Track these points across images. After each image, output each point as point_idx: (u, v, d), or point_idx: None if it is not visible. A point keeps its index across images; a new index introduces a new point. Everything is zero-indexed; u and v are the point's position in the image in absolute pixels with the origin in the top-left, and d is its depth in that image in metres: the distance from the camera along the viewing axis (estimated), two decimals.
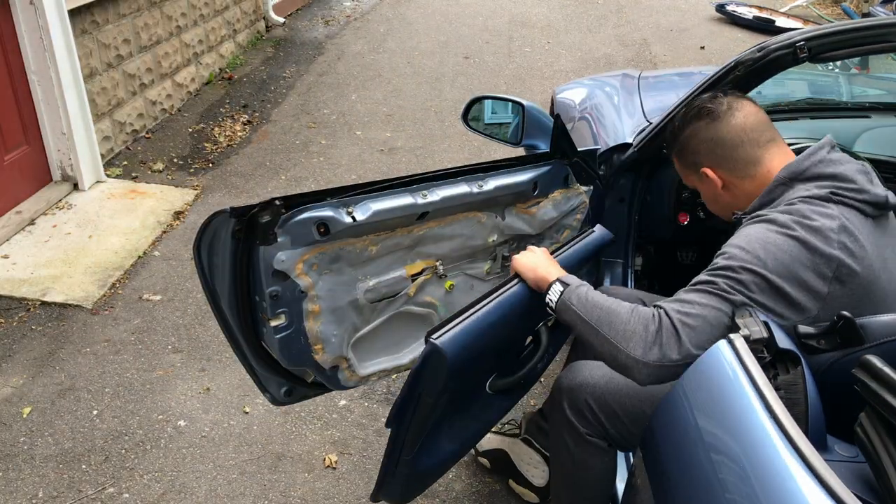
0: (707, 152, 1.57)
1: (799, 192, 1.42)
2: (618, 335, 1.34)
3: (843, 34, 1.71)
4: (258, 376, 1.79)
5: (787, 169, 1.46)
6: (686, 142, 1.61)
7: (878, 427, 1.00)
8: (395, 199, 1.71)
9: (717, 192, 1.60)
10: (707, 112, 1.57)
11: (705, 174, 1.58)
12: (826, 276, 1.32)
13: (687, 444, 1.16)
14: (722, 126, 1.54)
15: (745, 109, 1.55)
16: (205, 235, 1.57)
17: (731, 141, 1.53)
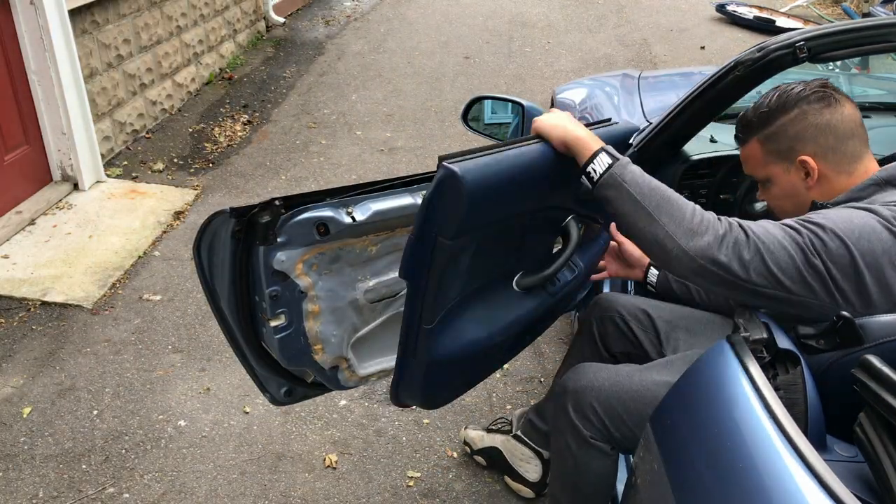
0: (813, 138, 1.44)
1: (891, 196, 1.36)
2: (677, 225, 1.22)
3: (843, 34, 1.70)
4: (258, 376, 1.79)
5: (886, 171, 1.41)
6: (787, 125, 1.46)
7: (878, 427, 1.00)
8: (395, 199, 1.71)
9: (801, 186, 1.47)
10: (822, 96, 1.46)
11: (803, 163, 1.45)
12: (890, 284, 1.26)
13: (687, 444, 1.16)
14: (836, 114, 1.44)
15: (852, 104, 1.47)
16: (205, 235, 1.57)
17: (844, 131, 1.44)
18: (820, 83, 1.49)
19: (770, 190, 1.55)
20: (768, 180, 1.54)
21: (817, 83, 1.49)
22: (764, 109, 1.52)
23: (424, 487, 2.44)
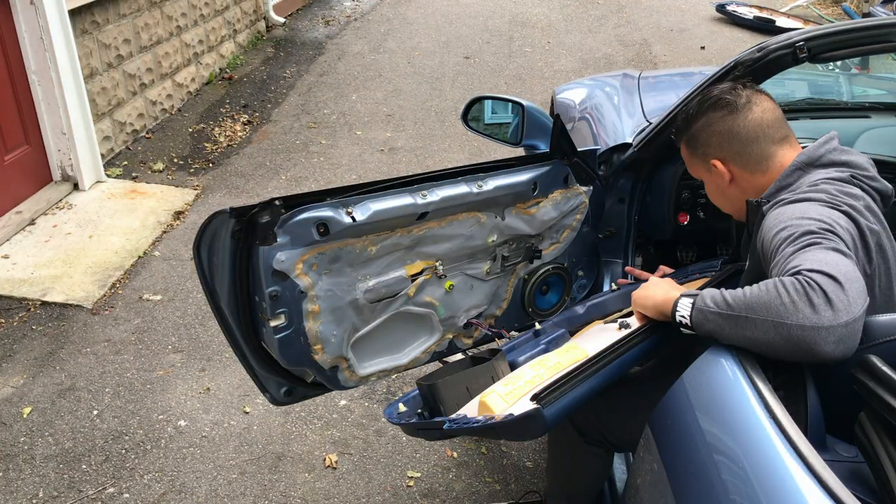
0: (719, 144, 1.52)
1: (817, 176, 1.39)
2: (782, 311, 1.11)
3: (843, 34, 1.70)
4: (258, 376, 1.79)
5: (804, 154, 1.44)
6: (699, 131, 1.56)
7: (878, 427, 1.00)
8: (395, 199, 1.71)
9: (723, 186, 1.56)
10: (725, 103, 1.52)
11: (714, 166, 1.54)
12: (870, 248, 1.29)
13: (687, 445, 1.16)
14: (739, 120, 1.50)
15: (763, 104, 1.51)
16: (205, 235, 1.57)
17: (747, 136, 1.49)
18: (731, 86, 1.54)
19: (705, 187, 1.64)
20: (699, 178, 1.64)
21: (729, 86, 1.55)
22: (684, 115, 1.61)
23: (424, 487, 2.44)
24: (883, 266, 1.32)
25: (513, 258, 2.06)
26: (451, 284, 1.93)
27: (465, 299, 1.98)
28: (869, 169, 1.42)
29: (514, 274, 2.09)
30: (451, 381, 1.57)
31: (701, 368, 1.21)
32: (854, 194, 1.34)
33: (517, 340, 1.89)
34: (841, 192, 1.33)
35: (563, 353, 1.50)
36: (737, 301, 1.18)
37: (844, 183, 1.36)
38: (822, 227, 1.22)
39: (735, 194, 1.55)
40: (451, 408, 1.54)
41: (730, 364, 1.15)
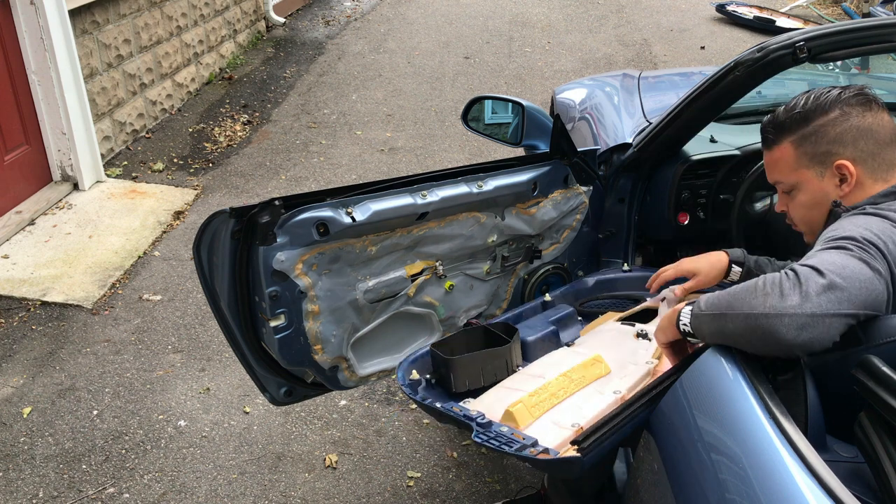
0: (853, 142, 1.35)
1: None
2: (753, 301, 1.12)
3: (843, 34, 1.70)
4: (258, 376, 1.79)
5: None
6: (827, 126, 1.37)
7: (878, 427, 0.99)
8: (395, 200, 1.71)
9: (833, 194, 1.38)
10: (864, 100, 1.38)
11: (840, 167, 1.36)
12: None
13: (687, 445, 1.16)
14: (878, 119, 1.37)
15: (887, 112, 1.40)
16: (204, 235, 1.57)
17: (885, 137, 1.36)
18: (859, 87, 1.41)
19: (795, 197, 1.45)
20: (796, 187, 1.44)
21: (856, 88, 1.41)
22: (799, 110, 1.42)
23: (424, 487, 2.44)
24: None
25: (513, 258, 2.06)
26: (451, 284, 1.93)
27: (465, 299, 1.98)
28: None
29: (514, 274, 2.09)
30: (467, 359, 1.58)
31: (700, 369, 1.21)
32: None
33: (525, 308, 1.91)
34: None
35: (587, 367, 1.50)
36: (722, 299, 1.18)
37: None
38: (869, 238, 1.16)
39: None
40: (460, 385, 1.57)
41: (730, 364, 1.15)
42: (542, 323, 1.84)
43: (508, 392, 1.49)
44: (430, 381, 1.64)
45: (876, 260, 1.14)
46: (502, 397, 1.47)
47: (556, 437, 1.31)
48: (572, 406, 1.40)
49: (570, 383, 1.44)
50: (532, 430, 1.34)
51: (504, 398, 1.46)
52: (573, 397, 1.42)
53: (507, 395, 1.47)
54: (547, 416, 1.37)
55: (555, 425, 1.35)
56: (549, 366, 1.59)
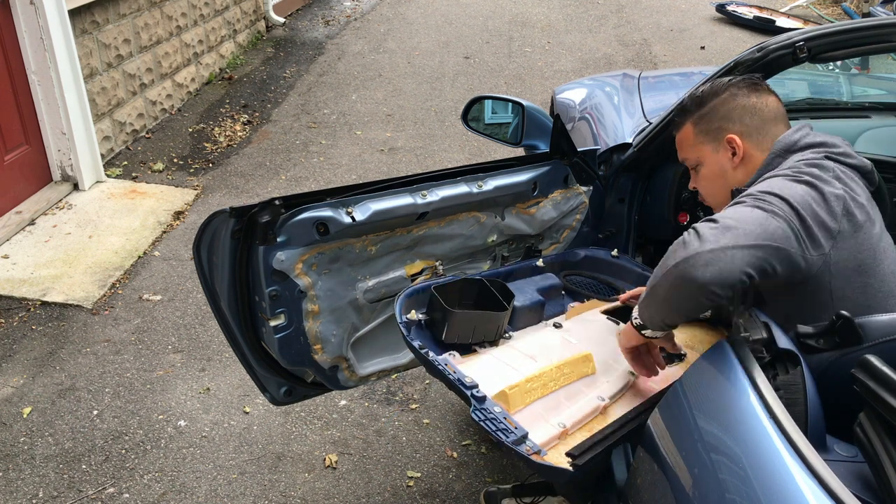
0: (741, 118, 1.55)
1: (794, 159, 1.48)
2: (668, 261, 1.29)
3: (843, 34, 1.70)
4: (258, 376, 1.79)
5: (780, 142, 1.51)
6: (719, 105, 1.57)
7: (878, 427, 0.99)
8: (395, 199, 1.71)
9: (728, 166, 1.56)
10: (751, 82, 1.58)
11: (730, 141, 1.55)
12: (836, 214, 1.35)
13: (687, 444, 1.16)
14: (762, 99, 1.56)
15: (776, 97, 1.59)
16: (205, 235, 1.57)
17: (768, 115, 1.55)
18: (750, 74, 1.62)
19: (700, 172, 1.63)
20: (699, 162, 1.63)
21: (748, 75, 1.62)
22: (697, 94, 1.63)
23: (424, 487, 2.44)
24: (849, 228, 1.36)
25: (513, 258, 2.06)
26: None
27: None
28: (843, 146, 1.49)
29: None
30: (464, 315, 1.61)
31: (701, 368, 1.22)
32: (823, 166, 1.41)
33: (518, 267, 1.94)
34: (809, 166, 1.41)
35: (577, 364, 1.54)
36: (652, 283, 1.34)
37: (819, 160, 1.44)
38: (764, 189, 1.33)
39: (736, 178, 1.57)
40: (451, 337, 1.60)
41: (730, 364, 1.15)
42: (531, 290, 1.86)
43: (502, 367, 1.52)
44: (422, 322, 1.65)
45: (771, 205, 1.29)
46: (495, 371, 1.50)
47: (542, 432, 1.35)
48: (559, 401, 1.45)
49: (561, 376, 1.49)
50: (521, 416, 1.38)
51: (497, 372, 1.49)
52: (561, 391, 1.48)
53: (500, 370, 1.50)
54: (537, 404, 1.42)
55: (542, 418, 1.39)
56: (542, 349, 1.61)
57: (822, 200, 1.35)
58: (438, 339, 1.61)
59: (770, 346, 1.18)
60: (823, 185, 1.37)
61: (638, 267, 2.06)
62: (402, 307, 1.62)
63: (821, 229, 1.33)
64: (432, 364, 1.47)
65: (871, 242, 1.39)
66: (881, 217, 1.48)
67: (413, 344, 1.53)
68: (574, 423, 1.40)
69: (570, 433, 1.39)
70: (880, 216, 1.47)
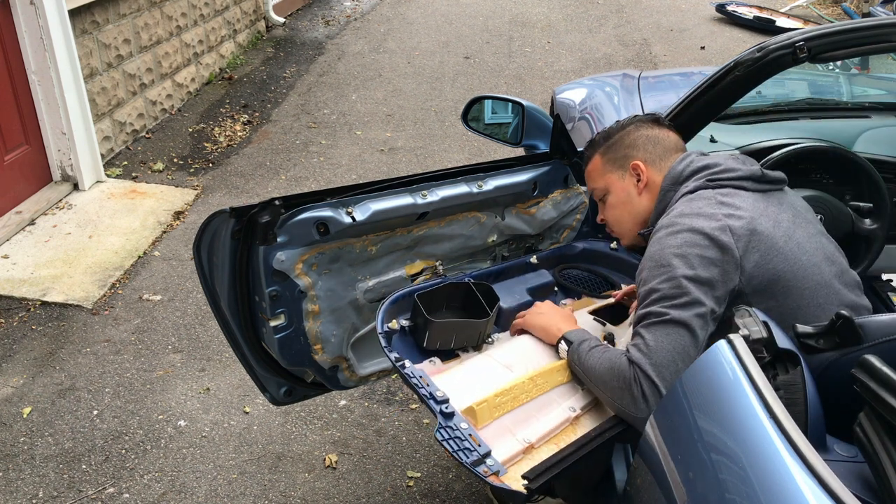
0: (644, 146, 1.67)
1: (681, 191, 1.57)
2: (613, 395, 1.43)
3: (843, 34, 1.71)
4: (258, 376, 1.79)
5: (667, 178, 1.62)
6: (624, 136, 1.69)
7: (878, 427, 0.99)
8: (395, 199, 1.71)
9: (632, 193, 1.67)
10: (652, 118, 1.73)
11: (635, 167, 1.65)
12: (727, 245, 1.41)
13: (687, 445, 1.16)
14: (663, 132, 1.70)
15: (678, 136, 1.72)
16: (205, 235, 1.57)
17: (669, 146, 1.67)
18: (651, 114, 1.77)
19: (608, 202, 1.72)
20: (606, 191, 1.72)
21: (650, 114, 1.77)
22: (605, 130, 1.76)
23: (424, 487, 2.44)
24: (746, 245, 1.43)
25: (513, 258, 2.06)
26: None
27: None
28: (725, 164, 1.57)
29: None
30: (444, 324, 1.62)
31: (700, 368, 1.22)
32: (704, 196, 1.51)
33: (511, 265, 1.94)
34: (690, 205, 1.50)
35: (552, 374, 1.55)
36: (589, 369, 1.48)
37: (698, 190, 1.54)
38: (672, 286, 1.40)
39: (641, 204, 1.66)
40: (432, 344, 1.61)
41: (730, 364, 1.15)
42: (520, 290, 1.87)
43: (474, 377, 1.52)
44: (405, 329, 1.65)
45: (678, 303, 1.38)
46: (468, 382, 1.50)
47: (507, 448, 1.37)
48: (529, 414, 1.47)
49: (533, 387, 1.50)
50: (489, 430, 1.39)
51: (470, 384, 1.49)
52: (532, 402, 1.49)
53: (473, 382, 1.50)
54: (506, 417, 1.44)
55: (509, 433, 1.41)
56: (520, 356, 1.60)
57: (705, 240, 1.42)
58: (421, 345, 1.61)
59: (770, 346, 1.18)
60: (703, 221, 1.44)
61: (636, 259, 2.07)
62: (384, 315, 1.63)
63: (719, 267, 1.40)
64: (406, 377, 1.48)
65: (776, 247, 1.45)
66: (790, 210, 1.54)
67: (390, 356, 1.54)
68: (540, 437, 1.41)
69: (537, 447, 1.41)
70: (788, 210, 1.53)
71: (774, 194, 1.57)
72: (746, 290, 1.43)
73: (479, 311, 1.66)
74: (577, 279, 2.04)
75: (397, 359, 1.52)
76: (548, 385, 1.53)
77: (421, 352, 1.62)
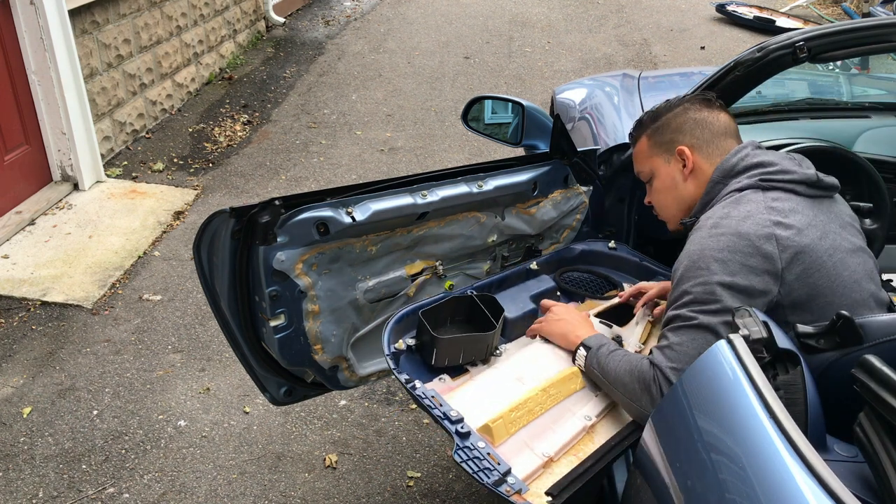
0: (692, 131, 1.60)
1: (731, 186, 1.51)
2: (632, 398, 1.43)
3: (843, 34, 1.70)
4: (258, 376, 1.79)
5: (719, 169, 1.56)
6: (671, 119, 1.63)
7: (878, 427, 0.99)
8: (395, 199, 1.71)
9: (678, 179, 1.62)
10: (702, 99, 1.64)
11: (680, 153, 1.60)
12: (771, 255, 1.37)
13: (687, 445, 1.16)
14: (713, 114, 1.61)
15: (730, 116, 1.64)
16: (205, 235, 1.57)
17: (718, 129, 1.60)
18: (703, 92, 1.66)
19: (654, 185, 1.68)
20: (652, 174, 1.68)
21: (701, 92, 1.67)
22: (653, 111, 1.70)
23: (424, 487, 2.44)
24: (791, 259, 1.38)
25: (513, 258, 2.06)
26: (451, 284, 1.93)
27: None
28: (781, 164, 1.50)
29: None
30: (451, 340, 1.60)
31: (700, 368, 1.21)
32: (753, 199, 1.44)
33: (511, 273, 1.93)
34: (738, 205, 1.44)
35: (565, 383, 1.54)
36: (609, 373, 1.48)
37: (749, 190, 1.47)
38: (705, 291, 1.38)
39: (687, 191, 1.61)
40: (440, 361, 1.60)
41: (730, 364, 1.15)
42: (523, 298, 1.85)
43: (487, 393, 1.51)
44: (412, 348, 1.64)
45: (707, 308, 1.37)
46: (481, 399, 1.49)
47: (526, 463, 1.36)
48: (545, 426, 1.46)
49: (547, 398, 1.50)
50: (506, 447, 1.38)
51: (483, 400, 1.48)
52: (547, 414, 1.48)
53: (486, 398, 1.49)
54: (522, 432, 1.43)
55: (527, 447, 1.40)
56: (530, 367, 1.59)
57: (750, 247, 1.38)
58: (429, 363, 1.60)
59: (770, 346, 1.18)
60: (750, 226, 1.39)
61: (636, 257, 2.07)
62: (390, 335, 1.62)
63: (760, 276, 1.37)
64: (418, 399, 1.47)
65: (820, 262, 1.40)
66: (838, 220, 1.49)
67: (400, 378, 1.53)
68: (559, 450, 1.41)
69: (556, 460, 1.40)
70: (836, 220, 1.48)
71: (825, 201, 1.50)
72: (784, 303, 1.39)
73: (484, 324, 1.65)
74: (579, 282, 2.04)
75: (407, 380, 1.51)
76: (561, 395, 1.52)
77: (430, 370, 1.60)
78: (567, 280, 2.03)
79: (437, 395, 1.47)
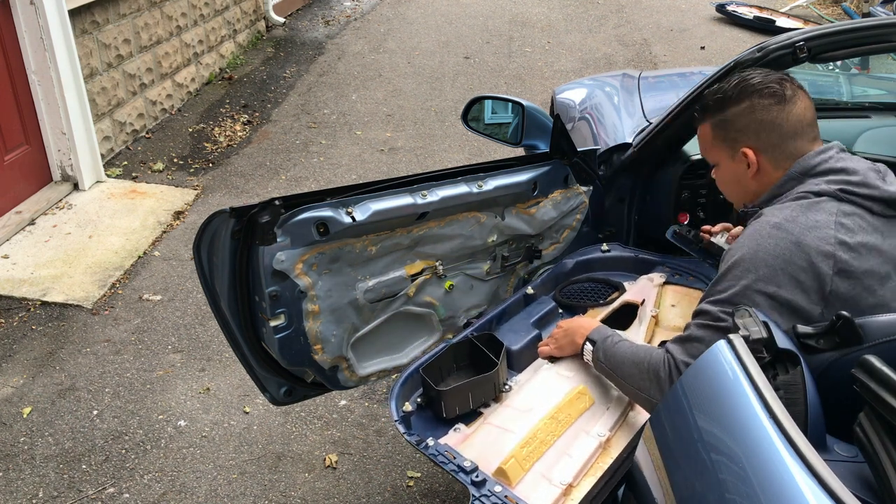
0: (757, 133, 1.47)
1: (808, 186, 1.41)
2: (639, 385, 1.44)
3: (843, 34, 1.70)
4: (258, 376, 1.79)
5: (800, 164, 1.45)
6: (738, 115, 1.49)
7: (878, 427, 0.99)
8: (395, 199, 1.71)
9: (743, 177, 1.51)
10: (773, 93, 1.46)
11: (744, 154, 1.49)
12: (824, 275, 1.31)
13: (687, 445, 1.16)
14: (784, 112, 1.46)
15: (805, 101, 1.48)
16: (205, 235, 1.57)
17: (788, 130, 1.46)
18: (779, 77, 1.49)
19: (717, 173, 1.61)
20: (716, 163, 1.59)
21: (776, 77, 1.49)
22: (720, 95, 1.53)
23: (424, 487, 2.44)
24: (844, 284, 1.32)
25: (513, 258, 2.06)
26: (451, 284, 1.93)
27: (465, 299, 1.98)
28: (867, 177, 1.40)
29: (515, 274, 2.09)
30: (455, 389, 1.61)
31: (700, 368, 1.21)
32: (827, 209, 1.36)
33: (509, 304, 1.93)
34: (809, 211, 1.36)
35: (573, 403, 1.54)
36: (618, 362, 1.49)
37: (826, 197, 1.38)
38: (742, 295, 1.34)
39: (752, 187, 1.52)
40: (451, 412, 1.61)
41: (730, 364, 1.15)
42: (525, 325, 1.86)
43: (499, 433, 1.50)
44: (421, 405, 1.66)
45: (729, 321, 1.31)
46: (493, 440, 1.49)
47: (546, 496, 1.35)
48: (560, 453, 1.45)
49: (557, 425, 1.49)
50: (524, 485, 1.37)
51: (495, 442, 1.48)
52: (561, 439, 1.48)
53: (497, 438, 1.49)
54: (537, 465, 1.42)
55: (544, 479, 1.39)
56: (538, 396, 1.60)
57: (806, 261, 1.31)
58: (441, 416, 1.62)
59: (770, 346, 1.18)
60: (814, 240, 1.32)
61: (631, 252, 2.07)
62: (397, 402, 1.64)
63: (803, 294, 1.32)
64: (431, 458, 1.48)
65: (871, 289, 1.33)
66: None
67: (410, 440, 1.56)
68: (577, 474, 1.40)
69: (576, 485, 1.39)
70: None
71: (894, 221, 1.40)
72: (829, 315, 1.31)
73: (487, 363, 1.67)
74: (579, 293, 2.03)
75: (418, 441, 1.54)
76: (572, 417, 1.51)
77: (445, 422, 1.63)
78: (567, 294, 2.02)
79: (449, 448, 1.48)
